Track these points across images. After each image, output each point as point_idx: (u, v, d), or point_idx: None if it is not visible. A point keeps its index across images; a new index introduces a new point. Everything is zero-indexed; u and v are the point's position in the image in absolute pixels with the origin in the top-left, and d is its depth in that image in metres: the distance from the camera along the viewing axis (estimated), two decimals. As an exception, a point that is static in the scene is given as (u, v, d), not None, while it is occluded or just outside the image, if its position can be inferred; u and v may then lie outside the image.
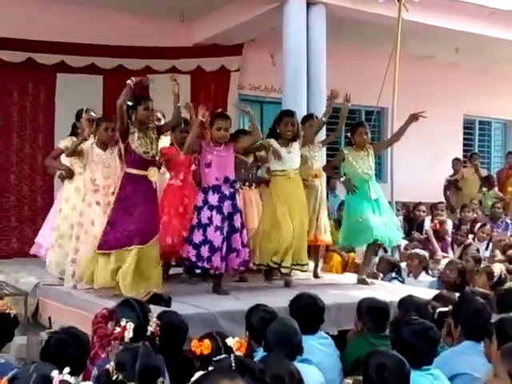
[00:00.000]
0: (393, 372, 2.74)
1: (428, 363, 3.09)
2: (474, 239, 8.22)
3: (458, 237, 8.19)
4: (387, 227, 5.60)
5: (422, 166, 10.32)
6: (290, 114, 5.53)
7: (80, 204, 5.23)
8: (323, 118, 5.82)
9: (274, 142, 5.39)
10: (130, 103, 4.66)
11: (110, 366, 2.53)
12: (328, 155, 7.73)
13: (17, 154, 8.39)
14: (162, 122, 5.59)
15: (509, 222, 9.04)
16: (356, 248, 6.86)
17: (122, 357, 2.60)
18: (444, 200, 10.32)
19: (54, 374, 2.28)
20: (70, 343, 3.07)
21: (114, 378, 2.48)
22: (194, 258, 4.83)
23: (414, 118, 5.55)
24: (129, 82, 4.60)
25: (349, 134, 5.82)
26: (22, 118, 8.39)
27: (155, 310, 3.58)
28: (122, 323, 3.13)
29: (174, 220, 5.29)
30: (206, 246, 4.79)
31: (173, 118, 5.02)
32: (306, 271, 5.63)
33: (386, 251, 7.51)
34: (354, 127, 5.80)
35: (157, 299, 4.25)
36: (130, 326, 3.12)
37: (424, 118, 5.49)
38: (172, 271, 5.65)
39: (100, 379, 2.54)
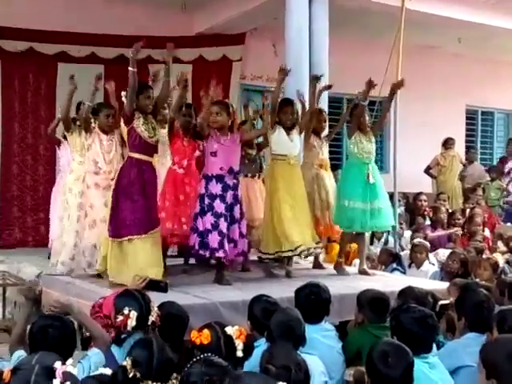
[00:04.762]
0: (396, 360, 2.70)
1: (427, 351, 3.09)
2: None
3: (453, 221, 8.12)
4: (377, 213, 5.57)
5: (424, 157, 10.26)
6: (288, 102, 5.58)
7: (80, 187, 5.26)
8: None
9: (278, 128, 5.44)
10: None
11: (126, 362, 2.53)
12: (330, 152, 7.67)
13: (19, 144, 8.40)
14: (166, 111, 5.54)
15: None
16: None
17: (137, 353, 2.58)
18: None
19: (57, 364, 2.28)
20: (52, 325, 3.00)
21: (130, 376, 2.48)
22: (196, 246, 4.81)
23: (395, 87, 5.77)
24: (131, 69, 4.49)
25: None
26: (24, 108, 8.40)
27: (154, 297, 3.58)
28: (125, 311, 3.14)
29: (175, 207, 5.25)
30: (215, 233, 4.74)
31: (160, 93, 4.83)
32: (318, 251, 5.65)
33: (386, 243, 7.48)
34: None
35: (153, 285, 4.26)
36: (134, 314, 3.13)
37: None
38: (175, 262, 5.63)
39: (116, 376, 2.53)
